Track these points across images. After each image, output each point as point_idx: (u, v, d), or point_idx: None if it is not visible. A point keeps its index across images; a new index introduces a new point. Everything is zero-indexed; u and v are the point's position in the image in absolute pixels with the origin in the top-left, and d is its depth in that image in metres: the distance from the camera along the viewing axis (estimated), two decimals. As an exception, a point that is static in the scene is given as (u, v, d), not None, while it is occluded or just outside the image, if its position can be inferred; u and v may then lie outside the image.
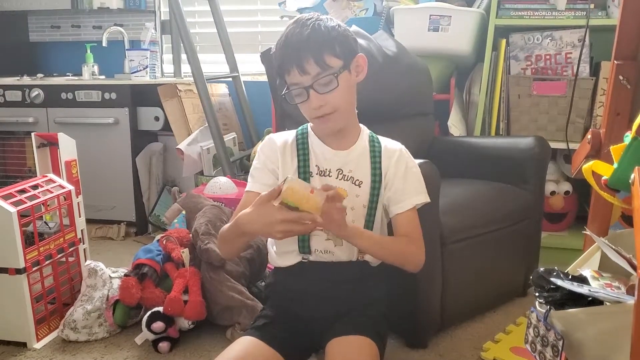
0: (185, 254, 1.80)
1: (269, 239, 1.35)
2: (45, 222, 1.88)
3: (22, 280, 1.63)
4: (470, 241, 1.70)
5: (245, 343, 1.19)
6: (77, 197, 1.88)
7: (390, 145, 1.31)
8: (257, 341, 1.19)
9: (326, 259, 1.26)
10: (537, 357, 1.13)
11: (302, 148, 1.29)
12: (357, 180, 1.26)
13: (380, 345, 1.23)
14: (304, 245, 1.26)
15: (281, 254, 1.30)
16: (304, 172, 1.27)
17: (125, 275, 1.75)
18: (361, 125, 1.32)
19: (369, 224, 1.26)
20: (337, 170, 1.26)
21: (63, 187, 1.83)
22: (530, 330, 1.15)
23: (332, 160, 1.27)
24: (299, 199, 1.06)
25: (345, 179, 1.26)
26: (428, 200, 1.28)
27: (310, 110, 1.20)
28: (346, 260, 1.26)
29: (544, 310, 1.10)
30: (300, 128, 1.33)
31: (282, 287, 1.32)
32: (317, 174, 1.27)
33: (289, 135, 1.32)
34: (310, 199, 1.06)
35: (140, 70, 2.84)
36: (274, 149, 1.29)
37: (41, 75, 2.98)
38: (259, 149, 1.33)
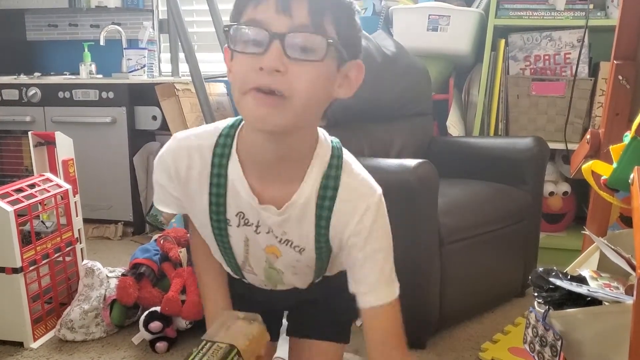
0: (182, 253, 1.79)
1: None
2: (42, 222, 1.88)
3: (19, 280, 1.63)
4: (469, 241, 1.70)
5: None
6: (74, 197, 1.88)
7: (351, 196, 0.87)
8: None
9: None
10: (536, 357, 1.13)
11: (216, 182, 0.88)
12: (295, 246, 0.91)
13: (345, 340, 1.13)
14: (237, 274, 1.02)
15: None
16: (216, 220, 0.90)
17: (123, 274, 1.75)
18: (322, 140, 0.88)
19: (317, 278, 1.01)
20: (266, 227, 0.90)
21: (60, 187, 1.83)
22: (529, 330, 1.14)
23: (259, 214, 0.88)
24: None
25: (279, 240, 0.91)
26: (396, 294, 0.92)
27: (253, 72, 0.76)
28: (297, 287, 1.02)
29: (543, 310, 1.09)
30: (221, 139, 0.88)
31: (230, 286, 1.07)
32: (238, 225, 0.90)
33: (201, 149, 0.88)
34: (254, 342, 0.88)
35: (138, 69, 2.83)
36: (176, 173, 0.90)
37: (38, 74, 2.97)
38: (158, 158, 0.93)
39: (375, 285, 0.90)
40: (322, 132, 0.90)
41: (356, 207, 0.87)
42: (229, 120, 0.92)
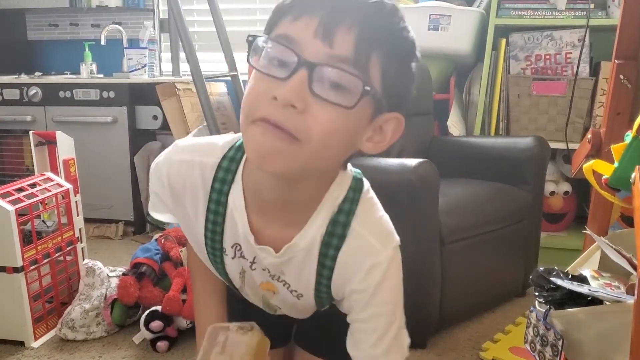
0: (183, 253, 1.79)
1: None
2: (43, 221, 1.88)
3: (20, 279, 1.63)
4: (470, 241, 1.70)
5: None
6: (75, 196, 1.88)
7: (359, 249, 0.76)
8: None
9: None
10: (537, 357, 1.13)
11: (214, 209, 0.78)
12: (293, 290, 0.82)
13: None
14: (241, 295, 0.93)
15: None
16: (212, 247, 0.82)
17: (123, 274, 1.75)
18: (340, 177, 0.76)
19: (319, 310, 0.90)
20: (262, 266, 0.81)
21: (61, 186, 1.83)
22: (530, 329, 1.14)
23: (255, 252, 0.80)
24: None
25: (276, 278, 0.82)
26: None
27: (265, 99, 0.64)
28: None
29: (544, 310, 1.09)
30: (225, 163, 0.78)
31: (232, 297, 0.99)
32: (233, 257, 0.82)
33: (202, 167, 0.78)
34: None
35: (139, 68, 2.83)
36: (172, 187, 0.81)
37: (39, 73, 2.97)
38: (154, 166, 0.84)
39: (370, 355, 0.79)
40: (343, 173, 0.76)
41: (362, 263, 0.75)
42: (237, 139, 0.79)
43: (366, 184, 0.80)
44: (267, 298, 0.88)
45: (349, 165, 0.78)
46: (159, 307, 1.65)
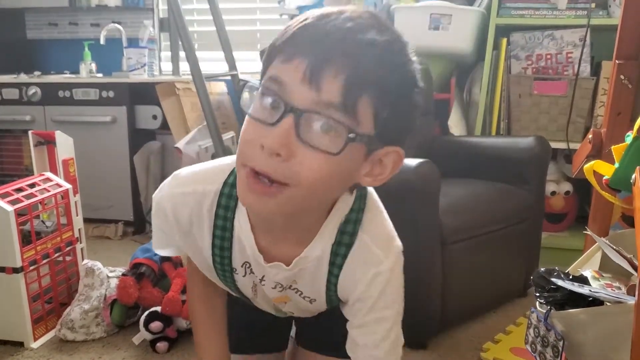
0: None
1: None
2: (42, 221, 1.87)
3: (19, 280, 1.62)
4: (471, 241, 1.69)
5: None
6: (75, 196, 1.87)
7: (363, 258, 0.78)
8: (245, 358, 1.06)
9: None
10: (538, 358, 1.12)
11: (220, 235, 0.79)
12: (306, 297, 0.85)
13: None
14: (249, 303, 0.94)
15: None
16: (222, 269, 0.83)
17: (123, 274, 1.74)
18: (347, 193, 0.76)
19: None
20: (273, 282, 0.82)
21: (60, 186, 1.82)
22: (531, 330, 1.14)
23: (265, 270, 0.81)
24: None
25: (287, 288, 0.84)
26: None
27: (254, 146, 0.64)
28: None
29: (545, 311, 1.09)
30: (226, 190, 0.78)
31: (235, 307, 1.01)
32: (244, 275, 0.83)
33: (204, 196, 0.78)
34: None
35: (139, 68, 2.82)
36: (176, 221, 0.81)
37: (38, 73, 2.96)
38: (156, 201, 0.83)
39: (371, 356, 0.82)
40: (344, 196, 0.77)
41: (366, 272, 0.78)
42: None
43: (370, 188, 0.81)
44: (279, 307, 0.91)
45: None
46: (158, 308, 1.65)
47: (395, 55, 0.66)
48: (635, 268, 1.07)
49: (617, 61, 1.49)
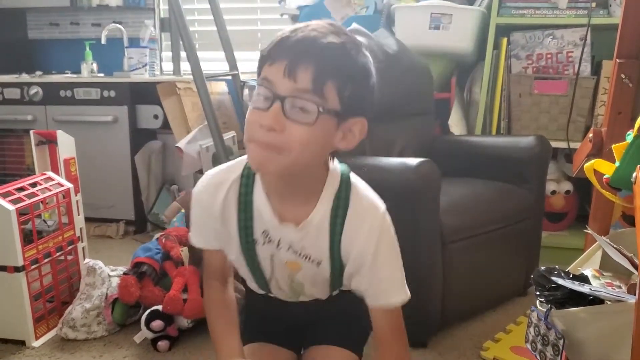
0: (184, 252, 1.79)
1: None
2: (44, 220, 1.88)
3: (21, 279, 1.63)
4: (471, 240, 1.70)
5: (252, 351, 1.14)
6: (76, 195, 1.88)
7: (359, 215, 0.99)
8: (262, 345, 1.16)
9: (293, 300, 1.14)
10: (538, 356, 1.13)
11: (244, 208, 1.01)
12: (313, 259, 1.03)
13: (358, 351, 1.18)
14: (264, 289, 1.14)
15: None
16: (245, 241, 1.03)
17: (124, 273, 1.75)
18: (332, 171, 1.00)
19: (333, 289, 1.11)
20: (287, 243, 1.02)
21: (62, 185, 1.83)
22: (531, 329, 1.14)
23: (280, 232, 1.01)
24: None
25: (298, 254, 1.03)
26: (407, 297, 1.03)
27: (256, 126, 0.88)
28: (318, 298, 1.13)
29: (545, 309, 1.09)
30: (245, 172, 1.02)
31: (255, 305, 1.23)
32: (263, 243, 1.03)
33: (229, 181, 1.02)
34: None
35: (140, 68, 2.83)
36: (211, 206, 1.03)
37: (40, 72, 2.97)
38: (195, 196, 1.06)
39: (386, 291, 1.01)
40: (333, 166, 1.01)
41: (362, 226, 0.98)
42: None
43: (349, 171, 1.04)
44: (293, 276, 1.07)
45: (336, 161, 1.01)
46: (159, 307, 1.66)
47: (349, 51, 0.88)
48: (635, 267, 1.07)
49: (617, 60, 1.49)
